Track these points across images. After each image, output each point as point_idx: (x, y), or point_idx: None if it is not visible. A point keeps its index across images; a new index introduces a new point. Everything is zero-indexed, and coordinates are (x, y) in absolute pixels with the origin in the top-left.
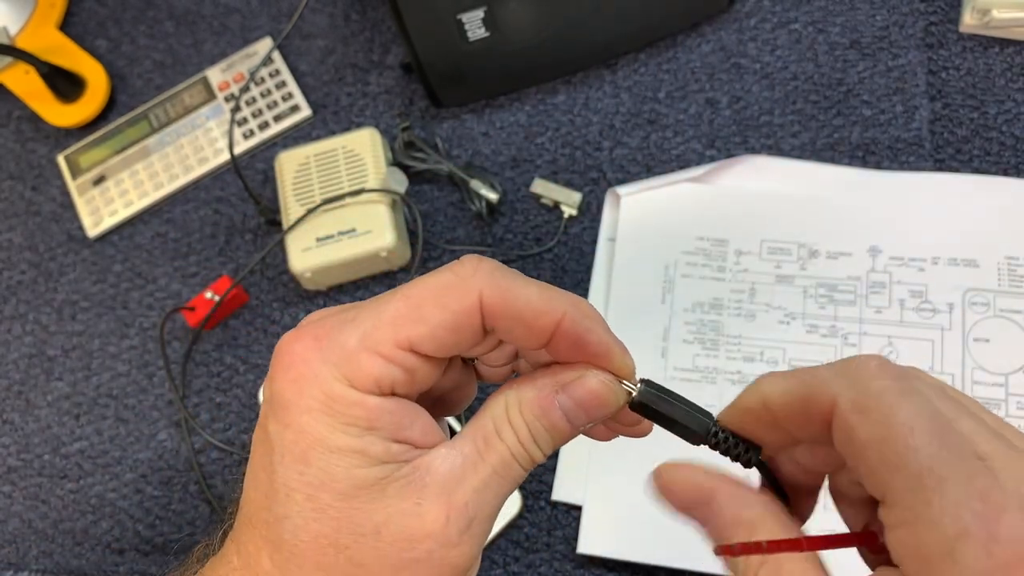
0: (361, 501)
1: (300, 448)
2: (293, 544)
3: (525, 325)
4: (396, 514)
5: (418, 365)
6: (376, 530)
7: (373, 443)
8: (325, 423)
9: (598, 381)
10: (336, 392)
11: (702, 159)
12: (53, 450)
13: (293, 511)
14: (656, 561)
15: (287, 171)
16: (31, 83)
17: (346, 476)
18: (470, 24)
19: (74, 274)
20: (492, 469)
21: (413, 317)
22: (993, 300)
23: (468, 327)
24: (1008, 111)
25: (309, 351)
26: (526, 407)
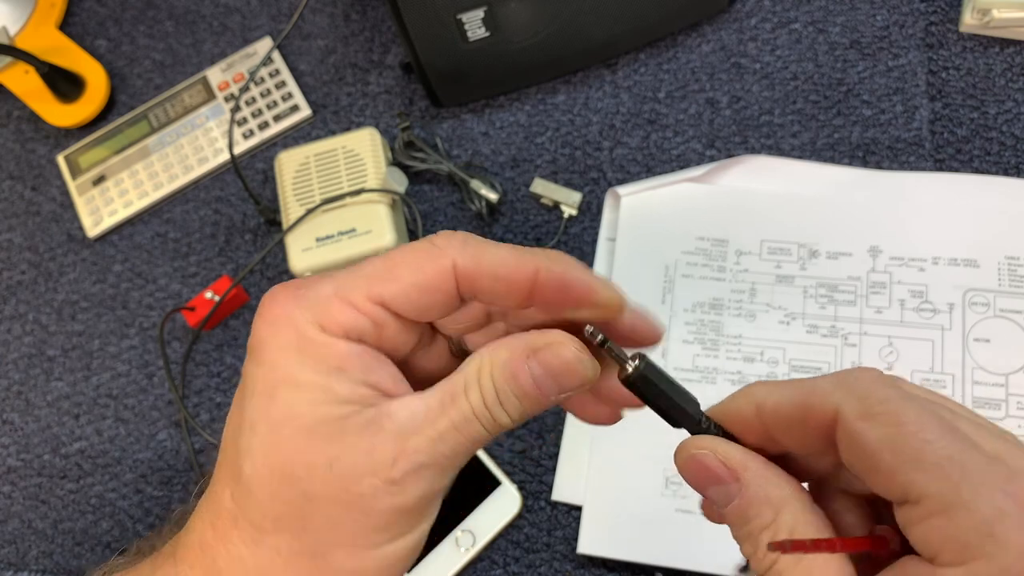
0: (320, 436)
1: (269, 383)
2: (251, 476)
3: (502, 281)
4: (349, 449)
5: (388, 321)
6: (329, 464)
7: (339, 382)
8: (294, 360)
9: (570, 349)
10: (307, 333)
11: (702, 159)
12: (53, 450)
13: (255, 443)
14: (656, 561)
15: (287, 171)
16: (31, 83)
17: (309, 411)
18: (470, 24)
19: (74, 274)
20: (451, 423)
21: (386, 275)
22: (993, 300)
23: (440, 289)
24: (1008, 111)
25: (288, 299)
26: (497, 369)
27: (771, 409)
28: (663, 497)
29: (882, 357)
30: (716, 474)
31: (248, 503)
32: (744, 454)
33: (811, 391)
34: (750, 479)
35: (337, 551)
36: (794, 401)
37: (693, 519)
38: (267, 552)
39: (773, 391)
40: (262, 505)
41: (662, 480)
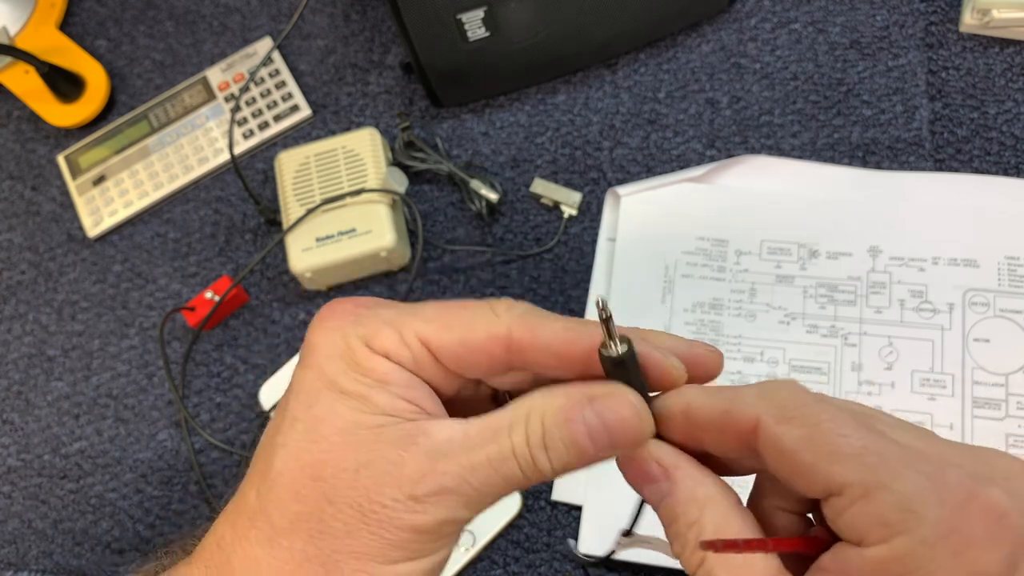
0: (354, 441)
1: (315, 386)
2: (280, 472)
3: (555, 355)
4: (379, 459)
5: (428, 363)
6: (356, 469)
7: (380, 394)
8: (341, 369)
9: (631, 403)
10: (355, 346)
11: (702, 159)
12: (53, 450)
13: (291, 440)
14: (656, 561)
15: (287, 171)
16: (31, 83)
17: (348, 416)
18: (470, 24)
19: (74, 274)
20: (487, 456)
21: (441, 324)
22: (993, 300)
23: (488, 353)
24: (1008, 111)
25: (346, 313)
26: (549, 413)
27: (697, 413)
28: None
29: (882, 357)
30: (651, 473)
31: (271, 500)
32: (676, 455)
33: (734, 399)
34: (680, 478)
35: (350, 561)
36: (718, 408)
37: None
38: (281, 553)
39: (701, 395)
40: (283, 503)
41: None
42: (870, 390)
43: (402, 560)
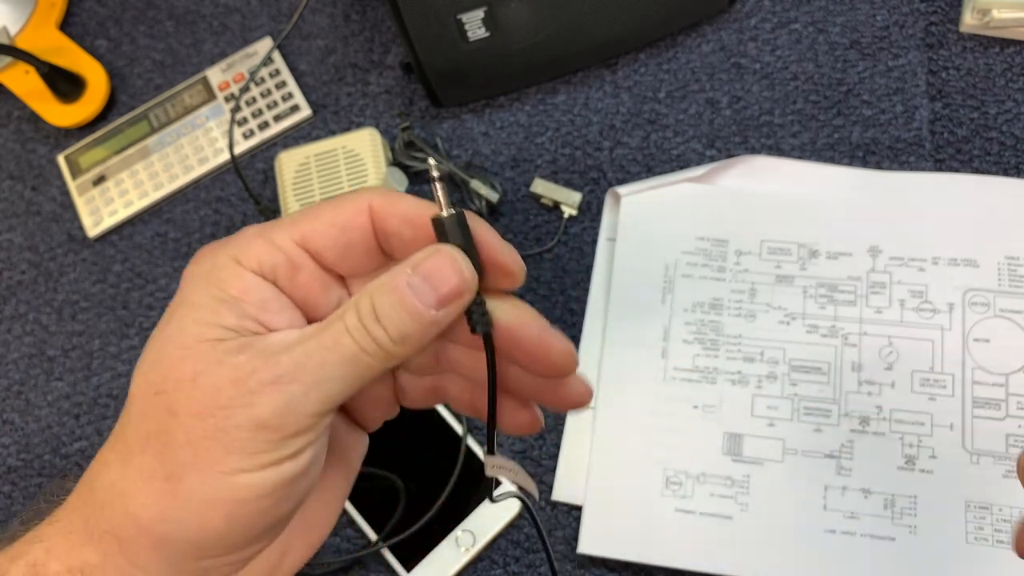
0: (193, 353)
1: (171, 308)
2: (132, 395)
3: (411, 223)
4: (215, 365)
5: (305, 263)
6: (194, 377)
7: (232, 310)
8: (200, 286)
9: (449, 256)
10: (220, 262)
11: (702, 159)
12: (53, 450)
13: (141, 364)
14: (656, 561)
15: (287, 171)
16: (31, 83)
17: (192, 329)
18: (470, 24)
19: (74, 274)
20: (320, 342)
21: (308, 216)
22: (993, 300)
23: (357, 228)
24: (1008, 111)
25: (216, 243)
26: (375, 285)
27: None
28: (663, 497)
29: (882, 357)
30: None
31: (126, 422)
32: None
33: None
34: None
35: (192, 474)
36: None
37: (693, 519)
38: (132, 473)
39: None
40: (134, 423)
41: (662, 480)
42: (870, 390)
43: (245, 469)
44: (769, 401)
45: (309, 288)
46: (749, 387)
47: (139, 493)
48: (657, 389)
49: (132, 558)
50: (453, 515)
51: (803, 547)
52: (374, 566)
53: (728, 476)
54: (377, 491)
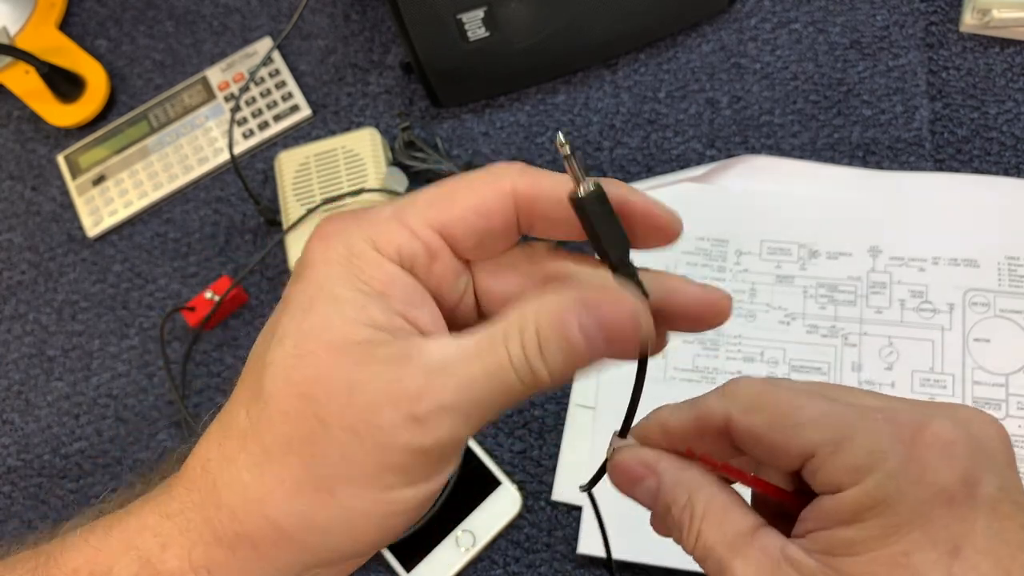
0: (346, 357)
1: (308, 296)
2: (270, 393)
3: (558, 201)
4: (374, 377)
5: (442, 251)
6: (350, 389)
7: (379, 306)
8: (339, 274)
9: (629, 301)
10: (358, 248)
11: (702, 159)
12: (53, 450)
13: (279, 357)
14: (656, 561)
15: (287, 171)
16: (31, 83)
17: (341, 328)
18: (470, 24)
19: (74, 274)
20: (484, 369)
21: (445, 200)
22: (993, 300)
23: (499, 213)
24: (1008, 111)
25: (344, 220)
26: (544, 316)
27: (673, 426)
28: None
29: (882, 357)
30: (637, 473)
31: (262, 422)
32: (657, 453)
33: (702, 405)
34: (664, 468)
35: (345, 487)
36: (690, 417)
37: None
38: (271, 480)
39: (674, 412)
40: (275, 425)
41: None
42: (870, 390)
43: (400, 486)
44: None
45: (443, 278)
46: None
47: (282, 501)
48: (657, 389)
49: (272, 562)
50: (453, 515)
51: None
52: (374, 566)
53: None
54: None
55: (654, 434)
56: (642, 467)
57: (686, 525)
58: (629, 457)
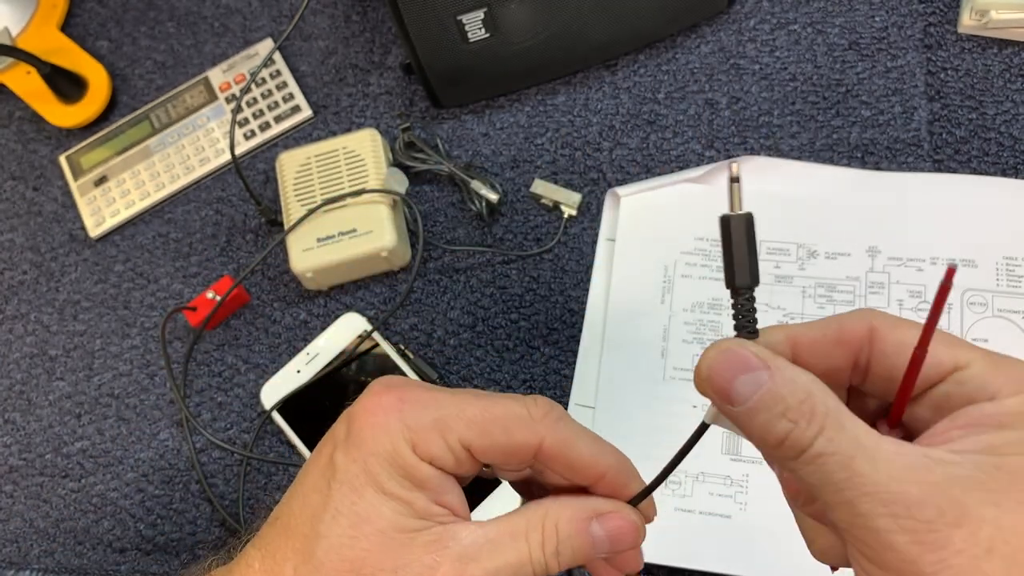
0: (394, 542)
1: (359, 482)
2: (321, 562)
3: (573, 472)
4: (415, 562)
5: (467, 462)
6: (395, 570)
7: (419, 498)
8: (385, 469)
9: (629, 518)
10: (401, 449)
11: (701, 160)
12: (55, 449)
13: (334, 532)
14: (655, 560)
15: (288, 171)
16: (33, 83)
17: (390, 517)
18: (470, 25)
19: (76, 274)
20: (507, 561)
21: (482, 428)
22: (991, 300)
23: (520, 458)
24: (1006, 112)
25: (393, 408)
26: (563, 522)
27: (808, 338)
28: (662, 496)
29: None
30: (749, 361)
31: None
32: (771, 352)
33: (842, 319)
34: (780, 364)
35: None
36: (830, 327)
37: (692, 518)
38: None
39: (806, 325)
40: None
41: None
42: None
43: None
44: None
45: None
46: None
47: None
48: (656, 389)
49: None
50: None
51: (801, 546)
52: None
53: (727, 475)
54: None
55: (778, 344)
56: (756, 358)
57: (804, 419)
58: (742, 347)
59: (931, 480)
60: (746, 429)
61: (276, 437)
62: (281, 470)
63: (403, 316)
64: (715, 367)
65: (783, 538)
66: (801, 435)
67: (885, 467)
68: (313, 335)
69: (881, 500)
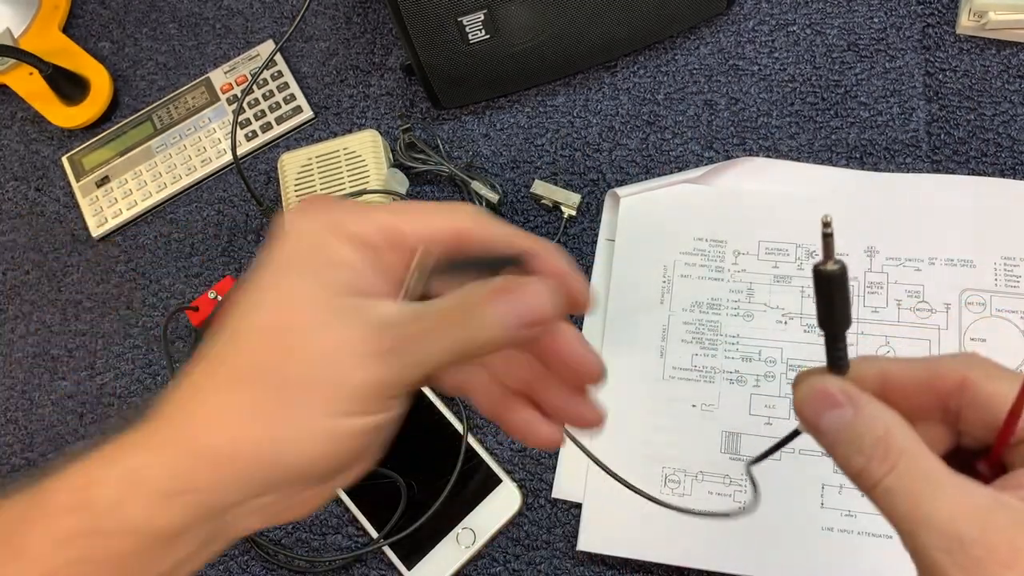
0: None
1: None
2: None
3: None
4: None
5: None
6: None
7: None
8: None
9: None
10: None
11: (700, 160)
12: (57, 449)
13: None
14: (655, 558)
15: (289, 172)
16: (35, 84)
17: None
18: (470, 26)
19: (78, 274)
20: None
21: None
22: (989, 300)
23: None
24: (1004, 112)
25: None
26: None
27: (899, 376)
28: (661, 495)
29: None
30: (836, 398)
31: (236, 351)
32: (859, 390)
33: (938, 363)
34: (865, 402)
35: (301, 409)
36: (923, 370)
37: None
38: (240, 398)
39: (899, 362)
40: (247, 354)
41: (661, 478)
42: None
43: (349, 414)
44: (767, 400)
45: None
46: (747, 386)
47: (248, 420)
48: (656, 388)
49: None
50: (454, 513)
51: (800, 545)
52: (375, 564)
53: (726, 474)
54: (378, 489)
55: (870, 379)
56: (843, 395)
57: (878, 456)
58: (832, 383)
59: (991, 521)
60: (832, 456)
61: None
62: None
63: None
64: (805, 401)
65: (783, 537)
66: (874, 471)
67: (948, 505)
68: None
69: (939, 535)
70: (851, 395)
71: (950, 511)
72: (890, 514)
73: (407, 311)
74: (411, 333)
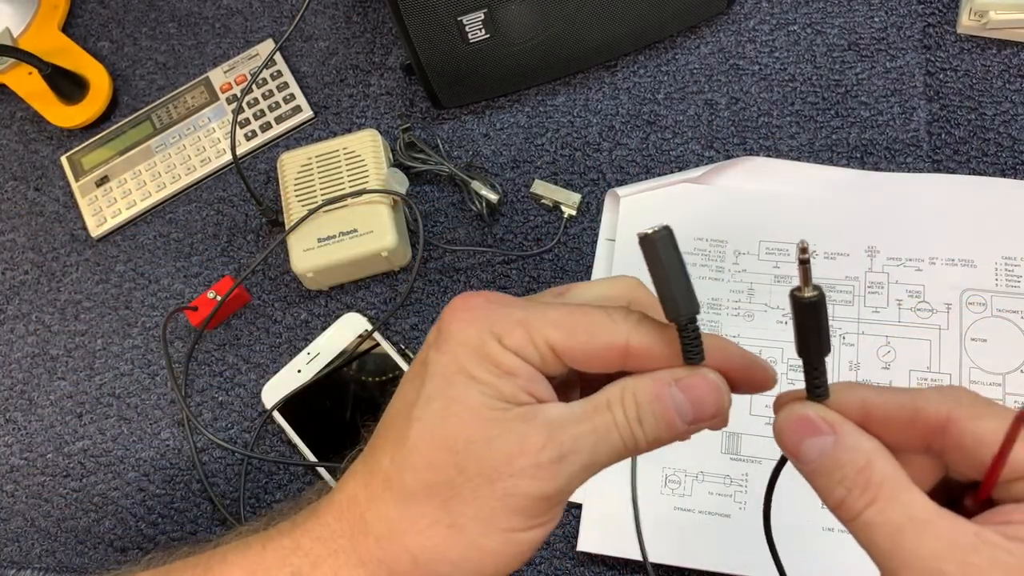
0: (483, 420)
1: (450, 371)
2: (415, 443)
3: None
4: (505, 433)
5: (552, 362)
6: (487, 442)
7: (506, 384)
8: (473, 359)
9: (710, 380)
10: (488, 341)
11: (701, 160)
12: (56, 449)
13: (427, 415)
14: (655, 559)
15: (289, 172)
16: (34, 84)
17: (479, 399)
18: (470, 26)
19: (77, 274)
20: (593, 427)
21: (566, 331)
22: (990, 300)
23: (605, 359)
24: (1005, 112)
25: (480, 307)
26: (640, 391)
27: (881, 409)
28: (661, 496)
29: (879, 357)
30: (816, 426)
31: (406, 466)
32: (840, 417)
33: (919, 397)
34: (845, 431)
35: (475, 526)
36: (905, 405)
37: (691, 517)
38: (412, 514)
39: (878, 393)
40: (417, 470)
41: (661, 478)
42: None
43: (522, 528)
44: (767, 400)
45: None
46: None
47: (419, 535)
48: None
49: None
50: None
51: (801, 545)
52: None
53: (726, 475)
54: None
55: (851, 408)
56: (824, 423)
57: (858, 488)
58: (813, 411)
59: (972, 561)
60: (812, 485)
61: (277, 436)
62: (282, 469)
63: (404, 316)
64: (785, 427)
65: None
66: (854, 503)
67: (930, 543)
68: (314, 335)
69: (919, 574)
70: (832, 422)
71: (933, 550)
72: (869, 548)
73: (576, 412)
74: (582, 434)
